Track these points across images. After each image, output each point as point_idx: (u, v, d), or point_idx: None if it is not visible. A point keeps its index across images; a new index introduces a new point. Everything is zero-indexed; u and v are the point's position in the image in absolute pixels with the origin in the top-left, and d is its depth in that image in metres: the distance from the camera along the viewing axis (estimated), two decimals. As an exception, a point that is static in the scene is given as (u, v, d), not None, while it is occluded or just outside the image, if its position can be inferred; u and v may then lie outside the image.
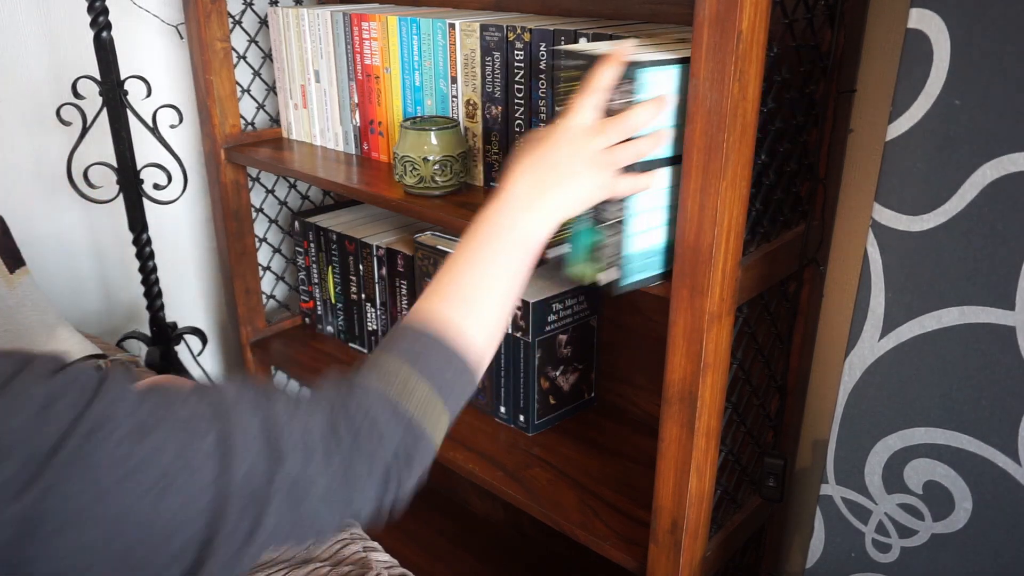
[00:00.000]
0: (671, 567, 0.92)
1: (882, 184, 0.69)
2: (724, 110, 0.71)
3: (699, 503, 0.91)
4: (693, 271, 0.79)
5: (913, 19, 0.64)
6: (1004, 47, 0.60)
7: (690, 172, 0.76)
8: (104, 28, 1.20)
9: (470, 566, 1.50)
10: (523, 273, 0.68)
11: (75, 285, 1.45)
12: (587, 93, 0.73)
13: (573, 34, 0.95)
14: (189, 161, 1.43)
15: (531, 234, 0.68)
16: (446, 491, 1.69)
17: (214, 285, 1.63)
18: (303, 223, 1.47)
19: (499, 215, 0.67)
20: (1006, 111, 0.61)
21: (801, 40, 0.86)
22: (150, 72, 1.34)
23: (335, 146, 1.33)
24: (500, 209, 0.68)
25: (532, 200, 0.68)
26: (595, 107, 0.73)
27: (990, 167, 0.63)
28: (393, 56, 1.17)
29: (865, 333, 0.74)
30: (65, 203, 1.39)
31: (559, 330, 1.18)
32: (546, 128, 0.73)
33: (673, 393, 0.85)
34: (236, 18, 1.38)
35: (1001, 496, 0.71)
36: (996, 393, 0.68)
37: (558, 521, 1.05)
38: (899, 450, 0.75)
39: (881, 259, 0.71)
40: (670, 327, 0.83)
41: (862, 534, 0.81)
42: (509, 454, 1.17)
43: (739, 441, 1.01)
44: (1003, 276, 0.65)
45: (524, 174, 0.69)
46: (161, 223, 1.47)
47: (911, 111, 0.66)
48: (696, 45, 0.71)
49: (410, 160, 1.06)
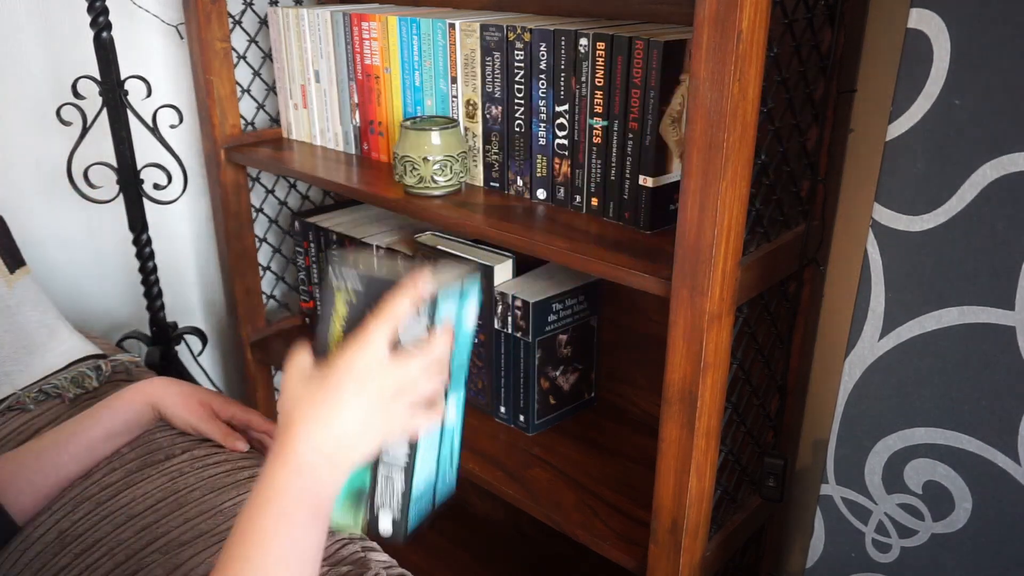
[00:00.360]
0: (671, 567, 0.92)
1: (882, 184, 0.69)
2: (724, 110, 0.71)
3: (699, 503, 0.91)
4: (693, 271, 0.79)
5: (913, 19, 0.64)
6: (1004, 47, 0.60)
7: (690, 172, 0.76)
8: (104, 28, 1.20)
9: (470, 566, 1.50)
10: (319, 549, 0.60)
11: (75, 285, 1.45)
12: (380, 323, 0.60)
13: (573, 34, 0.95)
14: (189, 161, 1.43)
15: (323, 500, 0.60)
16: (446, 491, 1.69)
17: (214, 285, 1.63)
18: (303, 223, 1.47)
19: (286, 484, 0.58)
20: (1006, 111, 0.61)
21: (801, 40, 0.86)
22: (150, 72, 1.34)
23: (335, 146, 1.33)
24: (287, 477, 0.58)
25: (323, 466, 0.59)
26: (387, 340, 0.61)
27: (990, 167, 0.63)
28: (393, 56, 1.17)
29: (865, 333, 0.74)
30: (65, 203, 1.39)
31: (559, 330, 1.18)
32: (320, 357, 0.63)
33: (673, 393, 0.85)
34: (236, 18, 1.38)
35: (1001, 496, 0.71)
36: (996, 393, 0.68)
37: (558, 521, 1.05)
38: (899, 450, 0.75)
39: (881, 259, 0.71)
40: (670, 327, 0.83)
41: (862, 534, 0.81)
42: (509, 454, 1.17)
43: (739, 441, 1.01)
44: (1003, 276, 0.65)
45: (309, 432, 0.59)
46: (161, 223, 1.47)
47: (911, 111, 0.66)
48: (696, 45, 0.71)
49: (410, 160, 1.06)
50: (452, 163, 1.07)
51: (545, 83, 1.00)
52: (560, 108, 1.00)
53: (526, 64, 1.01)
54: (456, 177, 1.08)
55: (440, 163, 1.06)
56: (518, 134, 1.06)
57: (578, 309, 1.19)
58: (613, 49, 0.92)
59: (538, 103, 1.02)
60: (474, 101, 1.09)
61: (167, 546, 0.92)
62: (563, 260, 0.91)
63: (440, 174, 1.07)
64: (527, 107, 1.03)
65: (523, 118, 1.04)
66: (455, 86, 1.11)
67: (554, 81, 0.99)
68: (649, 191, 0.94)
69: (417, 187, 1.08)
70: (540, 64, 1.00)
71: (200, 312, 1.63)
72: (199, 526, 0.96)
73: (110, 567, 0.87)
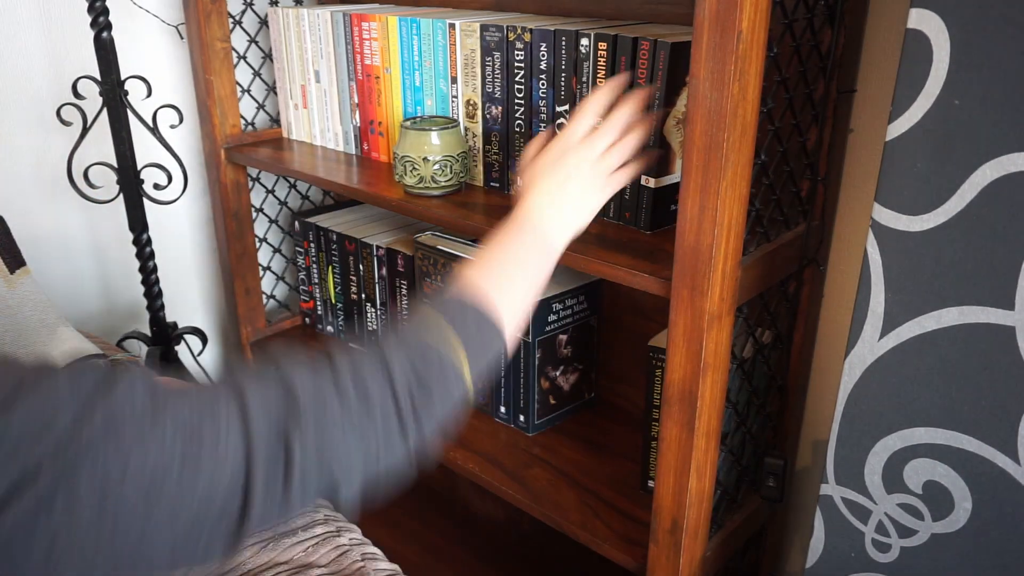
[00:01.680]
0: (671, 567, 0.92)
1: (882, 184, 0.69)
2: (724, 110, 0.71)
3: (699, 503, 0.91)
4: (693, 271, 0.79)
5: (913, 19, 0.64)
6: (1004, 47, 0.60)
7: (690, 172, 0.76)
8: (104, 28, 1.20)
9: (470, 566, 1.50)
10: (543, 273, 0.75)
11: (75, 285, 1.45)
12: (581, 117, 0.82)
13: (574, 34, 0.95)
14: (189, 161, 1.43)
15: (551, 241, 0.77)
16: (446, 491, 1.69)
17: (214, 285, 1.63)
18: (303, 223, 1.47)
19: (524, 222, 0.76)
20: (1006, 111, 0.61)
21: (801, 40, 0.86)
22: (150, 72, 1.34)
23: (335, 146, 1.33)
24: (525, 217, 0.77)
25: (551, 214, 0.77)
26: (587, 128, 0.82)
27: (990, 167, 0.63)
28: (393, 56, 1.17)
29: (865, 333, 0.74)
30: (65, 203, 1.39)
31: (559, 330, 1.18)
32: (547, 134, 0.85)
33: (673, 393, 0.85)
34: (236, 18, 1.38)
35: (1001, 496, 0.71)
36: (996, 393, 0.68)
37: (558, 521, 1.05)
38: (899, 450, 0.75)
39: (881, 259, 0.71)
40: (670, 327, 0.83)
41: (862, 534, 0.81)
42: (509, 454, 1.17)
43: (739, 441, 1.01)
44: (1003, 276, 0.65)
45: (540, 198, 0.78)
46: (161, 223, 1.47)
47: (911, 111, 0.66)
48: (696, 45, 0.71)
49: (410, 160, 1.06)
50: (452, 163, 1.07)
51: (545, 83, 1.00)
52: (560, 108, 1.00)
53: (526, 64, 1.01)
54: (456, 177, 1.08)
55: (440, 163, 1.06)
56: (518, 134, 1.06)
57: (578, 309, 1.19)
58: (617, 50, 0.91)
59: (538, 103, 1.02)
60: (474, 101, 1.09)
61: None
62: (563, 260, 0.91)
63: (440, 174, 1.07)
64: (527, 107, 1.03)
65: (523, 118, 1.04)
66: (455, 86, 1.11)
67: (554, 81, 0.99)
68: (651, 191, 0.94)
69: (417, 187, 1.08)
70: (540, 64, 1.00)
71: (200, 312, 1.63)
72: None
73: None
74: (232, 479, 0.48)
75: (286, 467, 0.51)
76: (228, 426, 0.49)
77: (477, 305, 0.66)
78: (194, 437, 0.47)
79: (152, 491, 0.45)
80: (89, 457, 0.43)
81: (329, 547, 0.96)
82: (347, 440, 0.53)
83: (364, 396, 0.55)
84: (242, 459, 0.49)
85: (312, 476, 0.52)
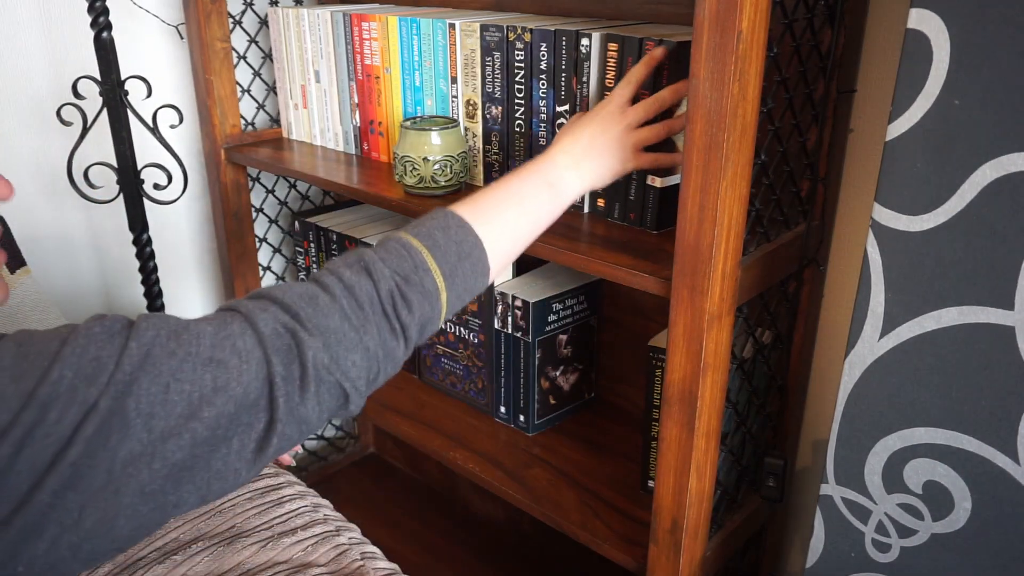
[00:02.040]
0: (671, 567, 0.92)
1: (882, 184, 0.69)
2: (724, 110, 0.71)
3: (699, 503, 0.91)
4: (693, 271, 0.79)
5: (913, 19, 0.64)
6: (1004, 47, 0.60)
7: (690, 172, 0.76)
8: (104, 28, 1.20)
9: (470, 566, 1.50)
10: (546, 212, 0.80)
11: (75, 285, 1.45)
12: (623, 85, 0.87)
13: (574, 34, 0.95)
14: (189, 161, 1.43)
15: (563, 185, 0.81)
16: (446, 491, 1.69)
17: (214, 285, 1.63)
18: (303, 223, 1.47)
19: (541, 163, 0.82)
20: (1006, 111, 0.61)
21: (801, 40, 0.86)
22: (150, 72, 1.34)
23: (335, 146, 1.33)
24: (543, 159, 0.83)
25: (569, 162, 0.83)
26: (628, 96, 0.87)
27: (990, 167, 0.63)
28: (393, 56, 1.17)
29: (865, 333, 0.74)
30: (65, 203, 1.39)
31: (559, 330, 1.18)
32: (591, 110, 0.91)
33: (673, 393, 0.85)
34: (236, 18, 1.38)
35: (1001, 496, 0.71)
36: (996, 393, 0.68)
37: (558, 521, 1.05)
38: (899, 450, 0.75)
39: (881, 259, 0.71)
40: (670, 327, 0.83)
41: (862, 534, 0.81)
42: (509, 454, 1.17)
43: (739, 441, 1.01)
44: (1003, 276, 0.65)
45: (565, 144, 0.85)
46: (161, 223, 1.47)
47: (911, 111, 0.66)
48: (696, 45, 0.71)
49: (410, 160, 1.06)
50: (452, 163, 1.07)
51: (545, 83, 1.00)
52: (561, 108, 1.00)
53: (526, 64, 1.01)
54: (456, 177, 1.08)
55: (440, 163, 1.06)
56: (518, 134, 1.06)
57: (578, 309, 1.19)
58: (624, 50, 0.91)
59: (538, 103, 1.02)
60: (474, 101, 1.09)
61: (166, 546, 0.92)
62: (562, 260, 0.91)
63: (440, 174, 1.07)
64: (527, 107, 1.03)
65: (523, 118, 1.04)
66: (455, 86, 1.11)
67: (554, 81, 0.99)
68: (657, 191, 0.94)
69: (417, 187, 1.08)
70: (540, 64, 1.00)
71: (200, 312, 1.63)
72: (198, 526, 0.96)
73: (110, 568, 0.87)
74: (257, 379, 0.53)
75: (301, 368, 0.55)
76: (243, 335, 0.55)
77: (456, 228, 0.70)
78: (219, 347, 0.53)
79: (192, 403, 0.51)
80: (135, 384, 0.49)
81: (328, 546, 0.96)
82: (348, 335, 0.59)
83: (353, 296, 0.61)
84: (261, 358, 0.54)
85: (323, 373, 0.57)
